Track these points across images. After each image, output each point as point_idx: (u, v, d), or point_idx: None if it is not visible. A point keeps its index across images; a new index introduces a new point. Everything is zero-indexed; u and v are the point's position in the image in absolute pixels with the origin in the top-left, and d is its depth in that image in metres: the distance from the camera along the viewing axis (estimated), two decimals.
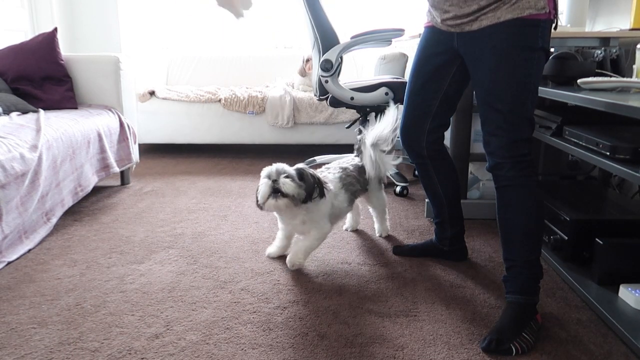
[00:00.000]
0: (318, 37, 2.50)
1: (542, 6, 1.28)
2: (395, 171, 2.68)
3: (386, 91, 2.54)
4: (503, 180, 1.37)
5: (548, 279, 1.65)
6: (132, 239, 1.97)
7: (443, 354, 1.25)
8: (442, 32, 1.44)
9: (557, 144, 1.60)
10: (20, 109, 2.32)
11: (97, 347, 1.26)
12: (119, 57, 2.70)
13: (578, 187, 1.98)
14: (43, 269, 1.70)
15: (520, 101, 1.31)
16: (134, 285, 1.59)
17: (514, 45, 1.29)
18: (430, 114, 1.58)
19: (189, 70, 4.05)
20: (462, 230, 1.77)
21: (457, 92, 1.56)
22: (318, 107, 3.36)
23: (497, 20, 1.30)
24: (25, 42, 2.63)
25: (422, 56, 1.54)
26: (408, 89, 1.60)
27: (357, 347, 1.27)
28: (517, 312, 1.34)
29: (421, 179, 1.73)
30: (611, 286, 1.46)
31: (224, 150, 3.77)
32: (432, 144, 1.63)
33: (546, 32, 1.31)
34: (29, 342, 1.28)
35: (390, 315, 1.42)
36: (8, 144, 1.80)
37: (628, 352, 1.26)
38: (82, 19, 3.80)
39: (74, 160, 2.19)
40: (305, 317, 1.41)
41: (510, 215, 1.38)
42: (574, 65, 1.83)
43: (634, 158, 1.24)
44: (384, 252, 1.86)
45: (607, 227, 1.58)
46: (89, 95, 2.74)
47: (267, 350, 1.25)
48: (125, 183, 2.79)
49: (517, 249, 1.37)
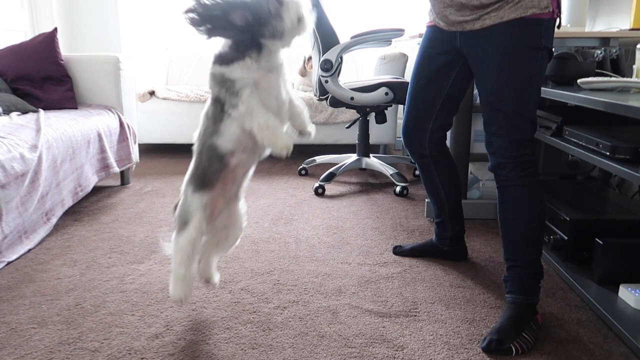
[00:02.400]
0: (318, 37, 2.50)
1: (545, 5, 1.27)
2: (395, 171, 2.68)
3: (386, 91, 2.54)
4: (505, 180, 1.37)
5: (548, 279, 1.65)
6: (132, 239, 1.97)
7: (443, 354, 1.25)
8: (445, 31, 1.44)
9: (557, 144, 1.60)
10: (20, 109, 2.31)
11: (97, 347, 1.26)
12: (119, 57, 2.70)
13: (578, 187, 1.98)
14: (43, 269, 1.70)
15: (523, 101, 1.31)
16: (134, 285, 1.59)
17: (517, 45, 1.29)
18: (432, 113, 1.58)
19: (189, 70, 4.04)
20: (463, 230, 1.77)
21: (460, 92, 1.56)
22: (318, 107, 3.36)
23: (500, 20, 1.29)
24: (25, 42, 2.63)
25: (424, 56, 1.54)
26: (410, 89, 1.60)
27: (357, 347, 1.27)
28: (517, 312, 1.34)
29: (423, 178, 1.73)
30: (611, 286, 1.46)
31: None
32: (434, 143, 1.63)
33: (549, 31, 1.31)
34: (29, 342, 1.28)
35: (390, 315, 1.42)
36: (8, 144, 1.80)
37: (628, 352, 1.26)
38: (82, 19, 3.79)
39: (74, 160, 2.19)
40: (305, 317, 1.41)
41: (512, 215, 1.38)
42: (574, 65, 1.83)
43: (634, 158, 1.24)
44: (384, 252, 1.86)
45: (607, 227, 1.58)
46: (89, 95, 2.73)
47: (267, 350, 1.25)
48: (125, 183, 2.79)
49: (518, 249, 1.37)
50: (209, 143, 1.19)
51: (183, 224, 1.21)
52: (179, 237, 1.21)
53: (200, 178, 1.22)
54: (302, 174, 3.05)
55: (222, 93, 1.15)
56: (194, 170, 1.24)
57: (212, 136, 1.19)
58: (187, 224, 1.20)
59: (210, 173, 1.21)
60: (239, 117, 1.13)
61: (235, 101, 1.12)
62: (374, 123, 3.23)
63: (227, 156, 1.20)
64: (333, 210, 2.35)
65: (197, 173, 1.22)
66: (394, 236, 2.03)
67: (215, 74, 1.16)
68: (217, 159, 1.20)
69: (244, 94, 1.12)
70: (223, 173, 1.23)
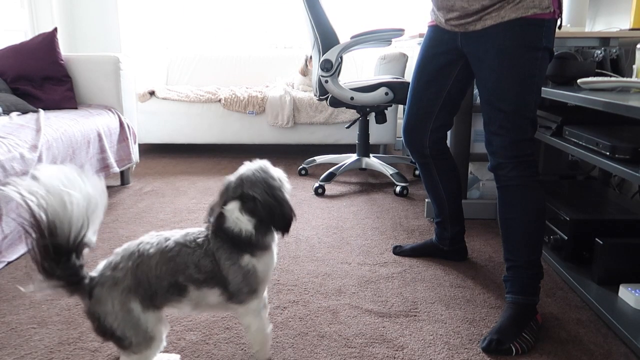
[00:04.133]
0: (318, 37, 2.50)
1: (546, 5, 1.27)
2: (395, 171, 2.68)
3: (386, 91, 2.54)
4: (505, 180, 1.37)
5: (548, 279, 1.65)
6: (132, 239, 1.97)
7: (443, 354, 1.25)
8: (446, 31, 1.44)
9: (557, 144, 1.60)
10: (20, 109, 2.31)
11: (97, 347, 1.26)
12: (119, 57, 2.70)
13: (578, 187, 1.98)
14: None
15: (523, 101, 1.31)
16: None
17: (518, 45, 1.29)
18: (433, 113, 1.58)
19: (189, 70, 4.05)
20: (463, 230, 1.77)
21: (460, 91, 1.56)
22: (318, 107, 3.36)
23: (501, 20, 1.29)
24: (25, 42, 2.63)
25: (425, 55, 1.54)
26: (411, 88, 1.60)
27: (357, 347, 1.27)
28: (517, 312, 1.34)
29: (423, 178, 1.73)
30: (611, 286, 1.46)
31: (224, 150, 3.77)
32: (435, 143, 1.63)
33: (550, 31, 1.31)
34: (29, 342, 1.28)
35: (390, 315, 1.42)
36: (8, 144, 1.80)
37: (628, 352, 1.26)
38: (82, 19, 3.80)
39: (73, 160, 2.19)
40: (305, 317, 1.41)
41: (512, 215, 1.37)
42: (574, 65, 1.83)
43: (634, 158, 1.24)
44: (384, 252, 1.86)
45: (607, 227, 1.58)
46: (89, 95, 2.73)
47: None
48: (125, 183, 2.79)
49: (517, 249, 1.37)
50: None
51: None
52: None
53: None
54: (302, 174, 3.05)
55: (237, 277, 1.05)
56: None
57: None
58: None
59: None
60: (246, 312, 1.08)
61: (251, 294, 1.07)
62: (374, 123, 3.23)
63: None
64: (333, 210, 2.35)
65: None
66: (394, 236, 2.03)
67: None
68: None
69: (260, 291, 1.09)
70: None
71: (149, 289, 1.00)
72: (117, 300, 0.97)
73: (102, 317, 0.97)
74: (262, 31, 4.19)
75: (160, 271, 1.01)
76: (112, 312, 0.97)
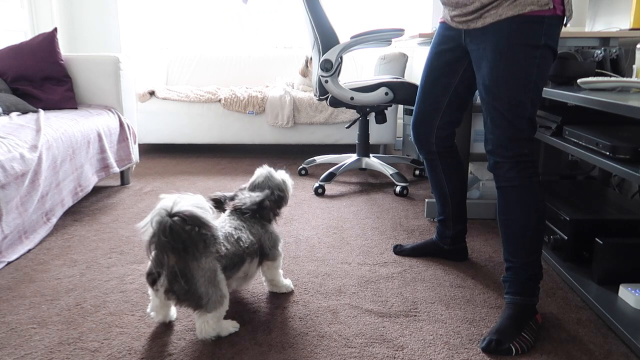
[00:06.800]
0: (318, 37, 2.50)
1: (545, 2, 1.26)
2: (395, 171, 2.68)
3: (386, 91, 2.55)
4: (503, 180, 1.37)
5: (548, 279, 1.65)
6: (132, 239, 1.97)
7: (443, 354, 1.25)
8: (452, 28, 1.45)
9: (557, 144, 1.60)
10: (20, 109, 2.32)
11: (97, 347, 1.26)
12: (119, 57, 2.70)
13: (578, 187, 1.98)
14: (43, 269, 1.70)
15: (519, 100, 1.30)
16: (134, 285, 1.59)
17: (514, 43, 1.28)
18: (440, 109, 1.58)
19: (189, 70, 4.05)
20: (465, 230, 1.77)
21: (467, 89, 1.56)
22: (318, 107, 3.36)
23: (499, 18, 1.29)
24: (25, 42, 2.63)
25: (434, 52, 1.55)
26: (420, 84, 1.61)
27: (357, 347, 1.27)
28: (517, 312, 1.34)
29: (429, 174, 1.73)
30: (611, 286, 1.46)
31: (224, 150, 3.77)
32: (442, 140, 1.63)
33: (552, 29, 1.28)
34: (29, 342, 1.28)
35: (390, 315, 1.42)
36: (8, 144, 1.80)
37: (628, 352, 1.26)
38: (82, 19, 3.80)
39: (74, 160, 2.19)
40: (305, 317, 1.41)
41: (511, 216, 1.37)
42: (574, 65, 1.83)
43: (634, 158, 1.24)
44: (384, 252, 1.86)
45: (607, 227, 1.58)
46: (89, 95, 2.74)
47: (267, 350, 1.25)
48: (125, 183, 2.79)
49: (517, 250, 1.37)
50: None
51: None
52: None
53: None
54: (302, 174, 3.05)
55: (269, 241, 1.47)
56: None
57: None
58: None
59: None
60: (275, 266, 1.51)
61: (277, 250, 1.50)
62: (374, 123, 3.23)
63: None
64: (333, 210, 2.35)
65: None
66: (394, 236, 2.03)
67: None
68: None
69: (280, 247, 1.52)
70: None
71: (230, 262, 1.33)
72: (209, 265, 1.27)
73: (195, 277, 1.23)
74: (262, 31, 4.20)
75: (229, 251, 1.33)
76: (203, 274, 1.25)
